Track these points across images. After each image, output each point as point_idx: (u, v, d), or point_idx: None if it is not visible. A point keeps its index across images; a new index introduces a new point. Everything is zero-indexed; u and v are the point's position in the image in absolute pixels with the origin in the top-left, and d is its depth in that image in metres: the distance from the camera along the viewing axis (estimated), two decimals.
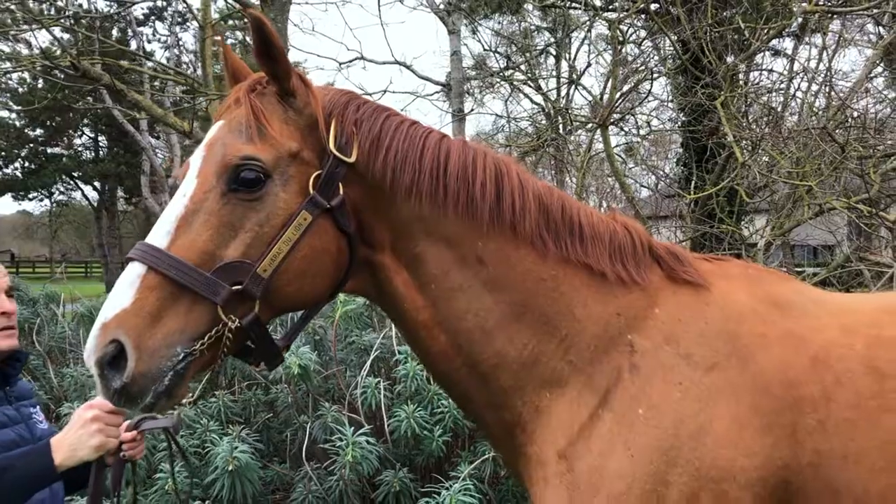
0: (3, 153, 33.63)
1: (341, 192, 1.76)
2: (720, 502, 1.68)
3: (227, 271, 1.64)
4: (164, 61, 21.72)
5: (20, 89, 30.85)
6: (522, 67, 13.25)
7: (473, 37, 16.61)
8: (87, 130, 36.51)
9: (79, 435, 1.86)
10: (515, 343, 1.86)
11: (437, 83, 18.23)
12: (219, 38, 1.95)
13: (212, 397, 4.66)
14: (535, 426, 1.86)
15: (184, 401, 1.72)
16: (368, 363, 4.43)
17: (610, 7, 9.46)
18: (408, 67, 15.90)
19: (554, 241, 1.89)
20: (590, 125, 6.81)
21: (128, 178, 34.33)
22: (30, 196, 37.60)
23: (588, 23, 10.32)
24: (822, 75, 5.86)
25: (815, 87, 5.84)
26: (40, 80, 27.80)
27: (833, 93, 5.29)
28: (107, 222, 37.50)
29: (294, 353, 4.27)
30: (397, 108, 2.01)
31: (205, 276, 1.62)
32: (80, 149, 37.01)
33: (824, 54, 5.91)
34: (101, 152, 36.79)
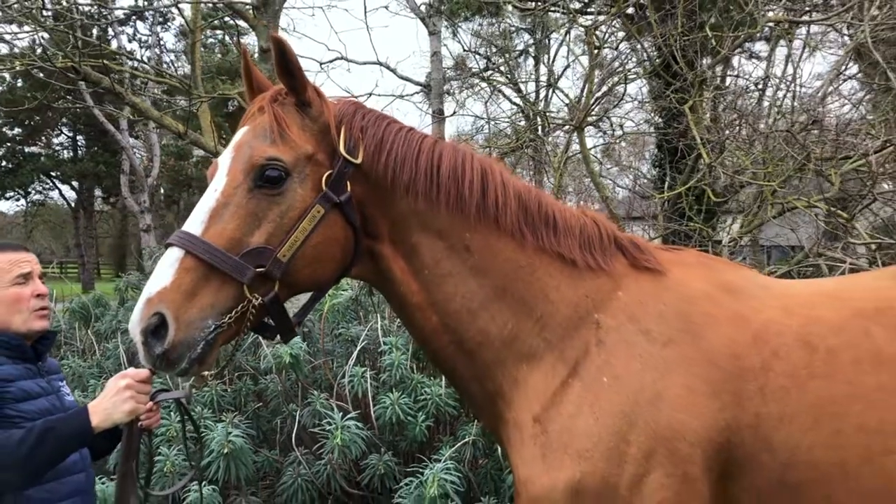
0: None
1: (349, 189, 2.01)
2: (673, 458, 1.93)
3: (252, 256, 1.88)
4: (145, 60, 21.74)
5: None
6: (502, 69, 13.52)
7: (454, 38, 16.89)
8: (65, 130, 36.29)
9: (113, 401, 2.09)
10: (497, 322, 2.11)
11: (417, 84, 18.45)
12: (242, 48, 2.13)
13: (205, 387, 4.86)
14: (513, 395, 2.11)
15: (207, 373, 1.96)
16: (355, 354, 4.66)
17: (587, 10, 9.75)
18: (388, 68, 16.11)
19: (532, 232, 2.14)
20: (566, 127, 7.09)
21: (106, 177, 34.18)
22: (6, 195, 37.25)
23: (566, 26, 10.60)
24: (789, 80, 6.18)
25: (781, 93, 6.16)
26: (20, 80, 27.68)
27: (797, 98, 5.61)
28: (84, 222, 37.28)
29: (287, 348, 4.50)
30: (378, 108, 2.26)
31: (233, 259, 1.86)
32: (58, 148, 36.77)
33: (790, 60, 6.24)
34: (79, 151, 36.57)
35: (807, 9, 6.23)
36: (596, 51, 6.72)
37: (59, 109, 28.19)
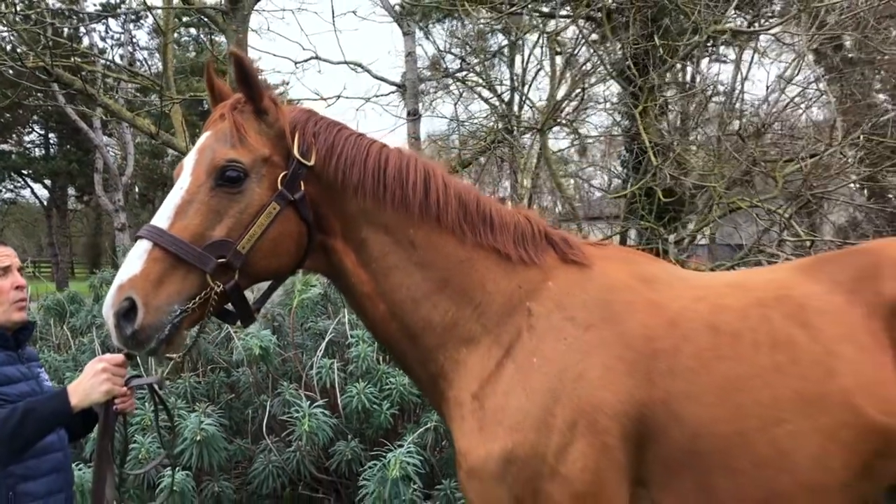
0: None
1: (302, 188, 2.23)
2: (593, 429, 2.18)
3: (214, 247, 2.10)
4: (117, 58, 21.66)
5: None
6: (477, 69, 13.66)
7: (427, 39, 17.00)
8: (37, 127, 35.96)
9: (91, 382, 2.29)
10: (439, 310, 2.35)
11: (392, 83, 18.58)
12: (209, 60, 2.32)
13: (179, 379, 5.05)
14: (454, 375, 2.35)
15: (177, 357, 2.18)
16: (323, 346, 4.89)
17: (554, 15, 9.99)
18: (363, 67, 16.23)
19: (470, 229, 2.38)
20: (533, 129, 7.34)
21: (79, 176, 33.93)
22: None
23: (537, 29, 10.83)
24: (739, 86, 6.49)
25: (731, 97, 6.47)
26: None
27: (744, 102, 5.93)
28: (57, 221, 36.98)
29: (256, 336, 4.71)
30: (353, 109, 2.49)
31: (197, 250, 2.07)
32: (29, 146, 36.43)
33: (739, 67, 6.55)
34: (51, 149, 36.27)
35: (755, 18, 6.54)
36: (558, 56, 6.96)
37: (31, 107, 27.98)
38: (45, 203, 37.96)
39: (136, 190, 34.70)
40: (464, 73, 14.39)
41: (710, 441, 2.19)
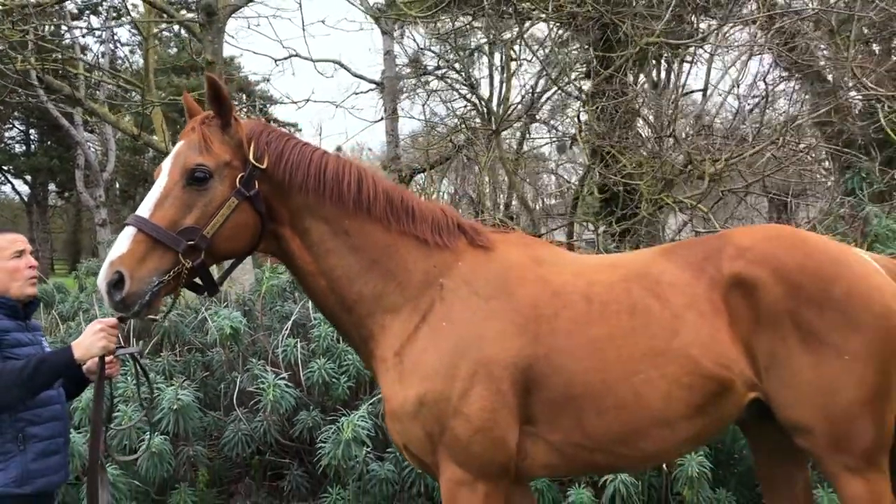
0: None
1: (257, 186, 2.77)
2: (489, 378, 2.73)
3: (185, 232, 2.64)
4: (100, 56, 21.93)
5: None
6: (456, 66, 14.04)
7: (402, 39, 17.39)
8: (17, 123, 36.06)
9: (91, 339, 2.82)
10: (369, 286, 2.90)
11: (370, 81, 18.99)
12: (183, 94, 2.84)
13: (158, 358, 5.58)
14: (381, 338, 2.91)
15: (157, 316, 2.73)
16: (288, 326, 5.43)
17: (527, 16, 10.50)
18: (341, 65, 16.65)
19: (395, 220, 2.93)
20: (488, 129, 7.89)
21: (60, 172, 34.12)
22: None
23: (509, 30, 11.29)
24: (677, 90, 7.09)
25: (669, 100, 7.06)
26: None
27: (673, 107, 6.52)
28: (38, 217, 37.10)
29: (227, 318, 5.25)
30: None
31: (172, 235, 2.61)
32: (10, 142, 36.52)
33: (673, 72, 7.14)
34: (32, 146, 36.40)
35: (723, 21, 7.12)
36: (513, 62, 7.51)
37: (12, 103, 28.15)
38: (26, 199, 38.06)
39: (117, 186, 34.87)
40: (442, 70, 14.83)
41: (582, 387, 2.76)
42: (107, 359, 2.95)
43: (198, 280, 2.81)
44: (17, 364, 2.78)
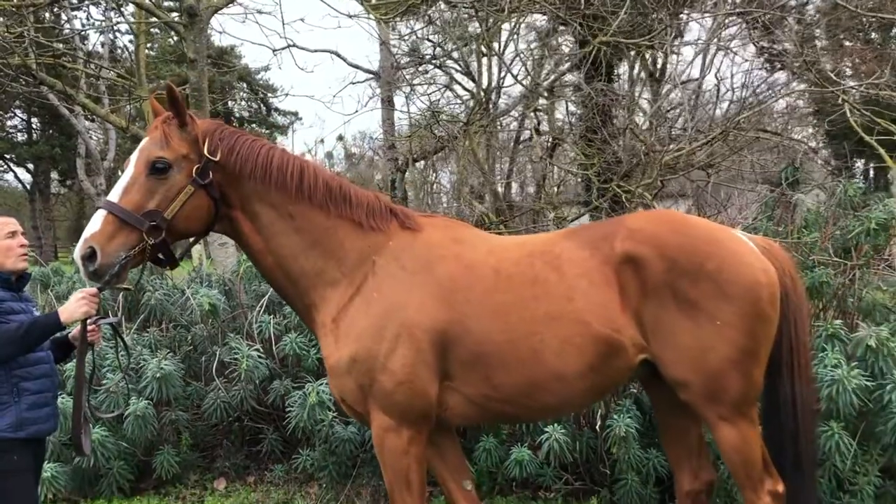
0: None
1: (211, 176, 3.24)
2: (411, 339, 3.20)
3: (148, 215, 3.11)
4: (99, 46, 22.32)
5: None
6: (454, 55, 14.25)
7: (392, 32, 17.70)
8: (19, 112, 36.45)
9: (75, 305, 3.29)
10: (311, 263, 3.37)
11: (367, 71, 19.32)
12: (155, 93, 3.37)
13: (145, 333, 6.07)
14: (321, 307, 3.38)
15: (128, 286, 3.21)
16: (263, 304, 5.92)
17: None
18: (338, 56, 16.99)
19: (334, 206, 3.40)
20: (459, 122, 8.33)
21: (62, 160, 34.53)
22: None
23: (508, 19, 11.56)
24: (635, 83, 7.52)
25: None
26: None
27: (632, 103, 6.96)
28: (40, 205, 37.58)
29: (207, 296, 5.74)
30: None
31: (137, 216, 3.09)
32: (12, 131, 36.94)
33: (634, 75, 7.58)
34: (34, 134, 36.83)
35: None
36: (484, 58, 7.95)
37: (13, 93, 28.57)
38: (29, 187, 38.51)
39: (118, 174, 35.28)
40: (440, 59, 15.08)
41: (490, 347, 3.23)
42: (89, 326, 3.44)
43: (161, 256, 3.28)
44: (12, 325, 3.27)
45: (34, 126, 37.16)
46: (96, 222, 3.08)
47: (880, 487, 4.86)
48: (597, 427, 5.03)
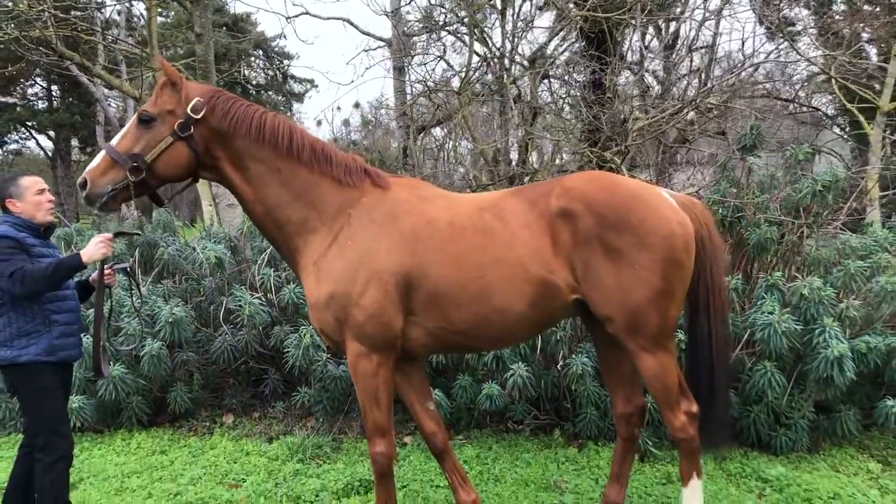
0: None
1: (192, 130, 3.78)
2: (380, 282, 3.77)
3: (133, 157, 3.68)
4: (115, 14, 22.81)
5: None
6: (466, 21, 14.51)
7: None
8: (39, 80, 37.13)
9: (94, 248, 3.92)
10: (296, 212, 3.94)
11: (379, 39, 19.68)
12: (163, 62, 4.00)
13: (160, 284, 6.72)
14: (304, 251, 3.96)
15: (133, 230, 3.81)
16: (265, 258, 6.53)
17: None
18: (351, 24, 17.37)
19: (317, 164, 3.96)
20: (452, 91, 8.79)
21: (82, 127, 35.25)
22: None
23: None
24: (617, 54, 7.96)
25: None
26: None
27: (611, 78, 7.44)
28: (62, 171, 38.41)
29: (214, 251, 6.37)
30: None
31: (124, 157, 3.67)
32: (33, 98, 37.66)
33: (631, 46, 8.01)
34: (54, 102, 37.54)
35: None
36: (476, 30, 8.40)
37: (33, 62, 29.20)
38: (50, 154, 39.33)
39: None
40: (454, 25, 15.37)
41: (445, 288, 3.80)
42: (106, 270, 4.07)
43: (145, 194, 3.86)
44: (42, 265, 3.90)
45: (54, 94, 37.84)
46: (96, 160, 3.71)
47: (813, 422, 5.43)
48: (559, 367, 5.61)
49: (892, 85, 11.14)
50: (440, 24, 14.26)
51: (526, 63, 7.80)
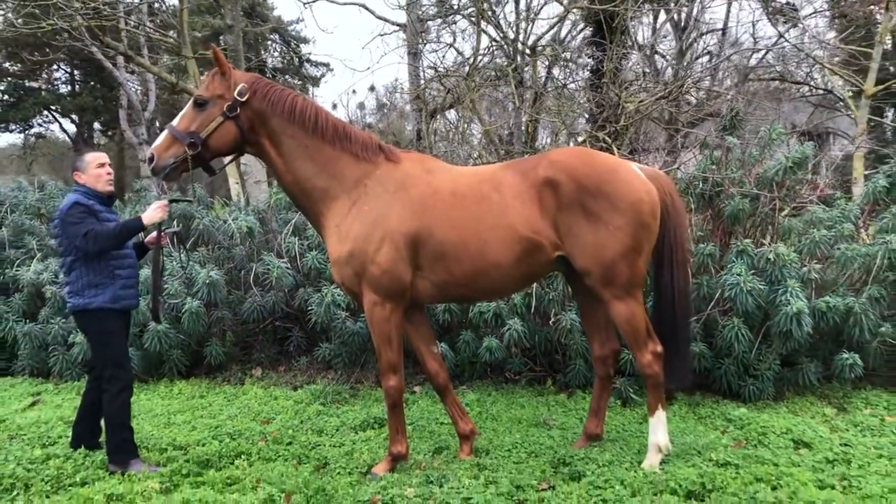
0: None
1: (238, 111, 4.48)
2: (392, 241, 4.46)
3: (190, 134, 4.40)
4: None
5: None
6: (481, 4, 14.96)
7: None
8: (62, 65, 37.95)
9: (153, 212, 4.65)
10: (321, 182, 4.64)
11: (394, 23, 20.15)
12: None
13: (195, 251, 7.47)
14: (328, 214, 4.65)
15: (188, 197, 4.53)
16: (289, 228, 7.26)
17: None
18: (366, 8, 17.87)
19: (339, 141, 4.65)
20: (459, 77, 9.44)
21: (104, 111, 36.06)
22: (10, 129, 39.20)
23: None
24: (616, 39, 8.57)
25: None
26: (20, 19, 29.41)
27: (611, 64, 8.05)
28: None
29: (245, 220, 7.10)
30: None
31: (183, 134, 4.38)
32: (57, 83, 38.52)
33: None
34: (77, 86, 38.39)
35: None
36: (489, 13, 9.01)
37: (58, 46, 29.99)
38: (73, 138, 40.23)
39: (158, 124, 36.75)
40: (468, 9, 15.85)
41: (448, 247, 4.49)
42: (163, 232, 4.82)
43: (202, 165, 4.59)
44: (109, 226, 4.64)
45: (77, 78, 38.64)
46: (160, 138, 4.43)
47: (779, 373, 6.09)
48: (551, 322, 6.31)
49: (876, 69, 11.67)
50: (454, 7, 14.75)
51: (538, 47, 8.37)
